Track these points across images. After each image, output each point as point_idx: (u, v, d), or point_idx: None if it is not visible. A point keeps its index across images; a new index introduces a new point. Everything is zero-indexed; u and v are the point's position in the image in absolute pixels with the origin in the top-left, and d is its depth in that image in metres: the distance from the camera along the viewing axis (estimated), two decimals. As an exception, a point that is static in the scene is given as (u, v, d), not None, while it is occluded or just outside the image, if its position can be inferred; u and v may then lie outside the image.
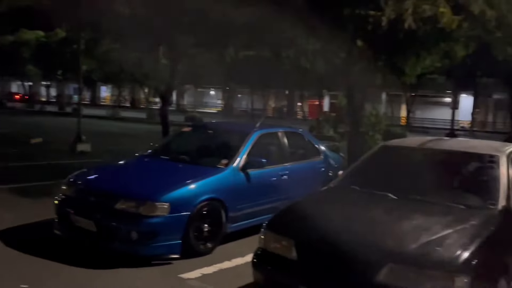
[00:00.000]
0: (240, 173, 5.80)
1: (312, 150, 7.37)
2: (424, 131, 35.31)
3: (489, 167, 4.29)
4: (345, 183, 4.67)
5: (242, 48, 11.07)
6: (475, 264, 3.12)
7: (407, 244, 3.26)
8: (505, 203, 3.86)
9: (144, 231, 4.82)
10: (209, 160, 6.00)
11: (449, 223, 3.54)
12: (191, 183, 5.25)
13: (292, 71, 19.34)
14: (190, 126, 7.44)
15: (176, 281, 4.50)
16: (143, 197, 4.92)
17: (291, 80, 32.32)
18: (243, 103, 60.19)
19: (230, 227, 5.64)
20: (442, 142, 5.18)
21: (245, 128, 6.78)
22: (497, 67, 21.59)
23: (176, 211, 4.93)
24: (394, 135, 18.95)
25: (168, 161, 6.21)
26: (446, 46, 8.12)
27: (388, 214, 3.78)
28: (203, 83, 46.84)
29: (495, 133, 37.16)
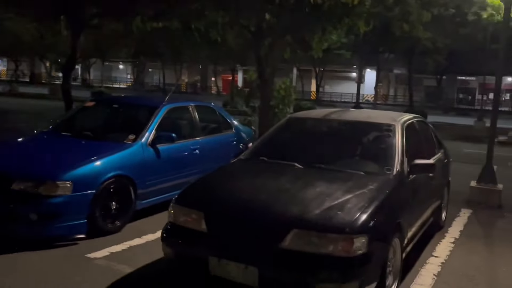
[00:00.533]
0: (149, 149, 5.65)
1: (224, 124, 7.38)
2: (333, 104, 37.00)
3: (386, 136, 4.58)
4: (254, 155, 4.74)
5: (150, 19, 10.60)
6: (372, 225, 3.35)
7: (310, 210, 3.41)
8: (400, 169, 4.17)
9: (45, 212, 4.54)
10: (115, 136, 5.76)
11: (350, 188, 3.75)
12: (96, 160, 5.02)
13: (204, 44, 19.07)
14: (94, 100, 7.05)
15: (82, 261, 4.32)
16: (42, 176, 4.61)
17: (204, 54, 31.91)
18: (154, 78, 58.52)
19: (140, 204, 5.51)
20: (345, 113, 5.43)
21: (153, 102, 6.58)
22: (397, 43, 23.11)
23: (79, 190, 4.69)
24: (304, 109, 19.64)
25: (70, 137, 5.87)
26: (350, 21, 8.44)
27: (293, 183, 3.91)
28: (111, 57, 44.60)
29: (396, 106, 39.96)
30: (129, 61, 51.40)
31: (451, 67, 34.86)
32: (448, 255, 4.94)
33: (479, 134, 17.35)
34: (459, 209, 6.86)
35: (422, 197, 4.70)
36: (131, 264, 4.28)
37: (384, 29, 15.54)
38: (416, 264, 4.62)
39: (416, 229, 4.50)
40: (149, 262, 4.38)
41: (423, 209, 4.76)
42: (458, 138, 17.83)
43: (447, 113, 34.50)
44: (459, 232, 5.82)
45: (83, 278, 3.96)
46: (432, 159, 5.05)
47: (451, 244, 5.31)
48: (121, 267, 4.21)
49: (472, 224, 6.23)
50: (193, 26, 9.91)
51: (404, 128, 4.68)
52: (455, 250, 5.11)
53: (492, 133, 7.66)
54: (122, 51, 37.09)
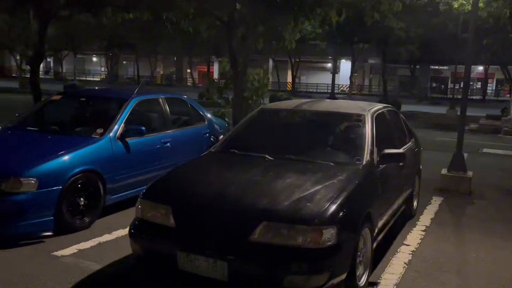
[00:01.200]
0: (118, 142, 5.52)
1: (196, 116, 7.28)
2: (309, 95, 37.11)
3: (356, 126, 4.57)
4: (224, 147, 4.67)
5: (120, 10, 10.36)
6: (341, 216, 3.33)
7: (280, 202, 3.37)
8: (369, 158, 4.17)
9: (8, 209, 4.38)
10: (82, 130, 5.62)
11: (319, 179, 3.73)
12: (62, 155, 4.87)
13: (177, 35, 18.80)
14: (61, 93, 6.85)
15: (48, 259, 4.20)
16: (5, 173, 4.45)
17: (178, 46, 31.52)
18: (129, 70, 57.65)
19: (109, 199, 5.39)
20: (315, 104, 5.41)
21: (122, 95, 6.42)
22: (370, 33, 23.27)
23: (45, 186, 4.55)
24: (280, 100, 19.64)
25: (35, 132, 5.69)
26: (321, 12, 8.41)
27: (264, 175, 3.86)
28: (83, 49, 43.66)
29: (372, 96, 40.40)
30: (103, 53, 50.43)
31: (424, 57, 35.37)
32: (419, 243, 5.00)
33: (451, 122, 17.66)
34: (431, 197, 6.95)
35: (392, 186, 4.72)
36: (99, 261, 4.19)
37: (358, 19, 15.60)
38: (387, 253, 4.65)
39: (387, 218, 4.52)
40: (118, 258, 4.29)
41: (393, 198, 4.79)
42: (431, 127, 18.14)
43: (421, 102, 35.05)
44: (430, 220, 5.89)
45: (48, 276, 3.84)
46: (402, 148, 5.08)
47: (422, 232, 5.37)
48: (89, 264, 4.11)
49: (443, 212, 6.32)
50: (164, 16, 9.73)
51: (374, 118, 4.68)
52: (426, 238, 5.17)
53: (462, 121, 7.77)
54: (94, 43, 36.33)
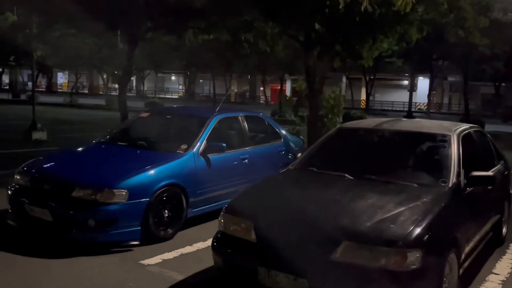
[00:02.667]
0: (200, 158, 5.76)
1: (272, 134, 7.41)
2: (384, 113, 36.19)
3: (441, 146, 4.43)
4: (303, 165, 4.72)
5: (201, 32, 10.88)
6: (427, 239, 3.24)
7: (362, 222, 3.35)
8: (456, 180, 4.01)
9: (102, 218, 4.73)
10: (168, 146, 5.93)
11: (402, 201, 3.65)
12: (150, 169, 5.18)
13: (253, 55, 19.28)
14: (148, 111, 7.31)
15: (136, 267, 4.46)
16: (100, 184, 4.82)
17: (253, 65, 32.21)
18: (205, 88, 59.71)
19: (191, 212, 5.62)
20: (397, 123, 5.31)
21: (204, 112, 6.73)
22: (451, 50, 22.34)
23: (134, 198, 4.86)
24: (354, 118, 19.35)
25: (125, 147, 6.09)
26: (401, 29, 8.27)
27: (344, 194, 3.85)
28: (164, 68, 45.99)
29: (451, 115, 38.54)
30: (181, 72, 52.76)
31: (510, 74, 33.18)
32: (510, 273, 4.68)
33: (542, 144, 16.35)
34: (521, 224, 6.48)
35: (480, 210, 4.50)
36: (182, 272, 4.37)
37: (438, 35, 15.08)
38: (474, 281, 4.41)
39: (474, 244, 4.30)
40: (200, 270, 4.45)
41: (481, 224, 4.55)
42: (519, 149, 16.88)
43: (506, 122, 32.83)
44: (521, 248, 5.50)
45: (137, 283, 4.08)
46: (491, 171, 4.83)
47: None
48: (172, 274, 4.31)
49: (535, 240, 5.87)
50: (242, 37, 10.06)
51: (460, 138, 4.51)
52: (516, 268, 4.84)
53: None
54: (174, 63, 38.15)
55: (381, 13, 7.14)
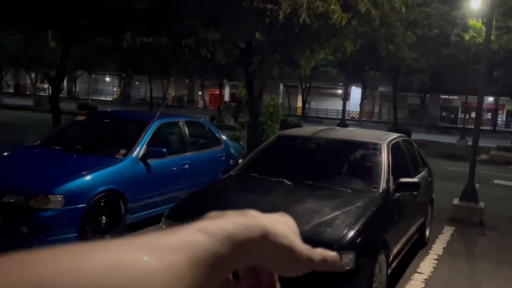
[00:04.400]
0: (140, 163, 5.71)
1: (213, 140, 7.48)
2: (319, 121, 37.38)
3: (372, 154, 4.73)
4: (244, 171, 4.84)
5: (140, 34, 10.71)
6: (359, 242, 3.46)
7: (300, 226, 3.45)
8: (386, 186, 4.31)
9: (36, 225, 4.56)
10: (106, 150, 5.81)
11: (338, 205, 3.87)
12: (87, 174, 5.06)
13: (192, 59, 19.23)
14: (85, 114, 7.10)
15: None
16: (34, 190, 4.64)
17: (192, 69, 32.07)
18: (141, 91, 58.42)
19: (129, 218, 5.54)
20: (332, 132, 5.58)
21: (144, 117, 6.66)
22: (382, 62, 23.58)
23: (70, 203, 4.73)
24: (290, 125, 19.85)
25: (61, 151, 5.89)
26: (337, 41, 8.66)
27: (284, 199, 4.01)
28: (98, 69, 44.49)
29: (381, 123, 40.55)
30: (116, 74, 51.26)
31: (435, 86, 35.57)
32: (432, 272, 5.07)
33: (461, 152, 17.72)
34: (442, 227, 7.02)
35: (407, 214, 4.84)
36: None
37: (370, 48, 15.90)
38: (401, 280, 4.73)
39: (401, 245, 4.62)
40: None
41: (408, 226, 4.90)
42: (441, 156, 18.16)
43: (431, 131, 35.09)
44: (442, 249, 5.96)
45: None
46: (416, 177, 5.22)
47: (434, 261, 5.44)
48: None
49: (455, 242, 6.38)
50: (183, 42, 10.05)
51: (390, 147, 4.84)
52: (438, 267, 5.25)
53: (474, 151, 7.88)
54: (109, 64, 37.04)
55: (319, 25, 7.44)
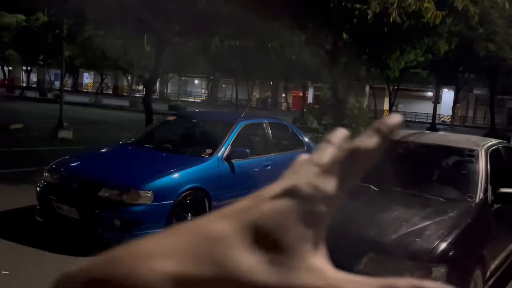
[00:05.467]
0: (224, 163, 5.82)
1: (296, 141, 7.43)
2: (406, 124, 35.77)
3: (468, 161, 4.39)
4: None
5: (227, 38, 11.01)
6: (452, 255, 3.21)
7: (387, 235, 3.34)
8: (483, 196, 3.97)
9: (127, 219, 4.81)
10: (193, 149, 6.00)
11: (428, 214, 3.63)
12: (175, 172, 5.26)
13: (278, 62, 19.37)
14: (175, 115, 7.42)
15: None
16: (127, 185, 4.91)
17: (276, 71, 32.31)
18: (227, 93, 60.07)
19: (213, 216, 5.66)
20: (424, 136, 5.27)
21: (230, 118, 6.80)
22: (479, 63, 22.02)
23: (159, 200, 4.93)
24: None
25: (152, 149, 6.20)
26: (429, 41, 8.22)
27: (369, 205, 3.85)
28: (187, 72, 46.51)
29: (475, 128, 37.88)
30: (204, 76, 53.27)
31: (540, 89, 32.45)
32: (535, 293, 4.59)
33: None
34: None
35: (507, 227, 4.43)
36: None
37: (465, 47, 14.90)
38: (499, 299, 4.34)
39: (500, 261, 4.23)
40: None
41: (508, 241, 4.48)
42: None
43: (534, 138, 32.07)
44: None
45: None
46: (519, 188, 4.75)
47: (538, 281, 4.92)
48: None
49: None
50: (269, 45, 10.14)
51: (489, 153, 4.46)
52: (543, 288, 4.74)
53: None
54: (198, 67, 38.55)
55: (410, 24, 7.11)
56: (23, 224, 5.50)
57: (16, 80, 57.85)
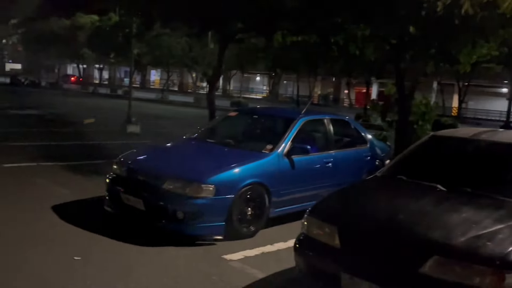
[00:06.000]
0: (285, 159, 5.81)
1: (358, 138, 7.27)
2: (477, 122, 33.93)
3: (547, 161, 4.07)
4: (391, 172, 4.57)
5: (289, 34, 10.95)
6: (528, 261, 2.99)
7: (455, 237, 3.17)
8: None
9: (189, 211, 4.95)
10: (254, 145, 6.05)
11: (501, 217, 3.40)
12: (236, 167, 5.33)
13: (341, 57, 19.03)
14: (236, 111, 7.52)
15: (219, 261, 4.61)
16: (190, 178, 5.05)
17: (339, 67, 31.78)
18: (288, 90, 59.94)
19: (272, 212, 5.69)
20: (496, 134, 4.95)
21: (290, 114, 6.78)
22: (561, 56, 20.32)
23: (221, 193, 5.02)
24: (444, 126, 18.33)
25: (214, 144, 6.32)
26: (505, 33, 7.69)
27: (436, 206, 3.68)
28: (250, 69, 46.93)
29: (555, 127, 35.06)
30: (266, 73, 53.52)
31: None
32: None
33: None
34: None
35: None
36: (263, 270, 4.44)
37: (546, 40, 13.80)
38: None
39: None
40: (280, 270, 4.49)
41: None
42: None
43: None
44: None
45: (220, 277, 4.22)
46: None
47: None
48: (254, 272, 4.39)
49: None
50: (332, 40, 9.97)
51: None
52: None
53: None
54: (260, 64, 38.81)
55: (484, 16, 6.68)
56: (94, 214, 5.82)
57: (90, 78, 61.30)
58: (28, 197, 6.34)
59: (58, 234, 5.04)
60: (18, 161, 8.56)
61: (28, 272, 4.05)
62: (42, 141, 11.51)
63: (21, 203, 6.05)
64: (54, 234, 5.03)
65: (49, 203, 6.01)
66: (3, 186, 6.84)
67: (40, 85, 47.00)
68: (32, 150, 9.97)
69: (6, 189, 6.66)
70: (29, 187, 6.88)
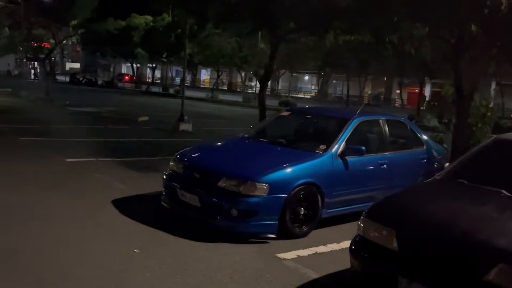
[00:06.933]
0: (338, 160, 5.76)
1: (414, 140, 7.08)
2: (540, 125, 32.05)
3: None
4: (451, 176, 4.43)
5: (343, 33, 10.83)
6: None
7: (520, 245, 3.04)
8: None
9: (243, 209, 5.01)
10: (307, 145, 6.04)
11: None
12: (290, 166, 5.34)
13: (394, 56, 18.60)
14: (289, 110, 7.52)
15: (273, 260, 4.64)
16: (244, 177, 5.11)
17: (391, 66, 31.04)
18: (337, 89, 59.21)
19: (325, 213, 5.66)
20: None
21: (344, 114, 6.71)
22: None
23: (274, 192, 5.06)
24: (504, 128, 17.46)
25: (267, 143, 6.36)
26: None
27: (500, 212, 3.54)
28: (298, 68, 46.76)
29: None
30: (315, 72, 53.09)
31: None
32: None
33: None
34: None
35: None
36: (317, 270, 4.43)
37: None
38: None
39: None
40: (334, 271, 4.47)
41: None
42: None
43: None
44: None
45: (274, 276, 4.25)
46: None
47: None
48: (307, 272, 4.39)
49: None
50: (387, 38, 9.76)
51: None
52: None
53: None
54: (309, 63, 38.58)
55: (552, 13, 6.34)
56: (150, 208, 6.02)
57: (143, 76, 63.23)
58: (89, 191, 6.65)
59: (118, 227, 5.26)
60: (79, 156, 8.99)
61: (91, 262, 4.25)
62: (99, 137, 12.03)
63: (83, 196, 6.35)
64: (114, 227, 5.25)
65: (109, 197, 6.27)
66: (67, 180, 7.22)
67: (96, 84, 49.08)
68: (91, 146, 10.44)
69: (69, 183, 7.02)
70: (89, 182, 7.22)
